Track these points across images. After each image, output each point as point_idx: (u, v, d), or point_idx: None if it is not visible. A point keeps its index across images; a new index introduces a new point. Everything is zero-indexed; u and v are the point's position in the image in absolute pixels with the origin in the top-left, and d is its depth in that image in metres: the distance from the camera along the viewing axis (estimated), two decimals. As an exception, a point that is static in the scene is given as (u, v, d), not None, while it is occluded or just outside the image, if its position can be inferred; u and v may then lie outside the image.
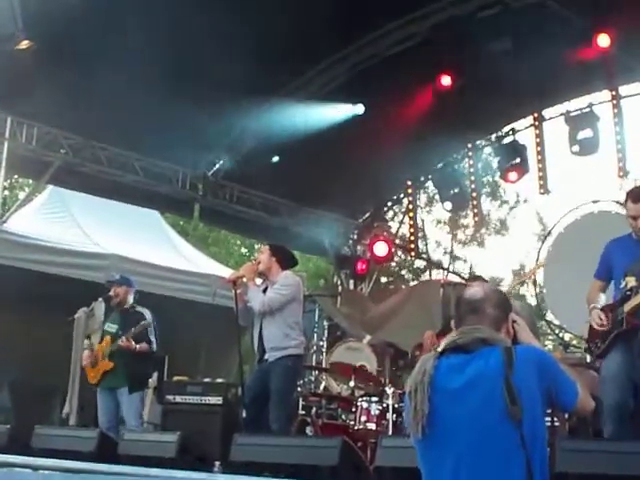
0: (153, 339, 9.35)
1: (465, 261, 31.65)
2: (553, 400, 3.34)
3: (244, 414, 8.15)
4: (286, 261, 8.63)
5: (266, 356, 8.23)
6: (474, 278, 8.41)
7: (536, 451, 3.22)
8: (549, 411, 6.38)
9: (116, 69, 9.93)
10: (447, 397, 3.33)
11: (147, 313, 9.45)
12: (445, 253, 31.34)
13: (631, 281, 6.51)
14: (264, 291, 8.36)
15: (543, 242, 13.83)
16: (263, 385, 8.18)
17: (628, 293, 6.48)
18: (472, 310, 3.54)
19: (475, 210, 15.58)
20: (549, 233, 13.45)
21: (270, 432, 8.02)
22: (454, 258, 31.22)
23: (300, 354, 8.41)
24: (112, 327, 9.47)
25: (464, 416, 3.28)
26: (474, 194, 15.15)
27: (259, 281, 8.61)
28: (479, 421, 3.25)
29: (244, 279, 8.33)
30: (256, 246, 30.17)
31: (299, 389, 10.67)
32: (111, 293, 9.62)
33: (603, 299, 6.88)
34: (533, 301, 14.94)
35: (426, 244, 29.91)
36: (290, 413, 8.44)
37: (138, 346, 9.21)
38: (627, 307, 6.39)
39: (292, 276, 8.51)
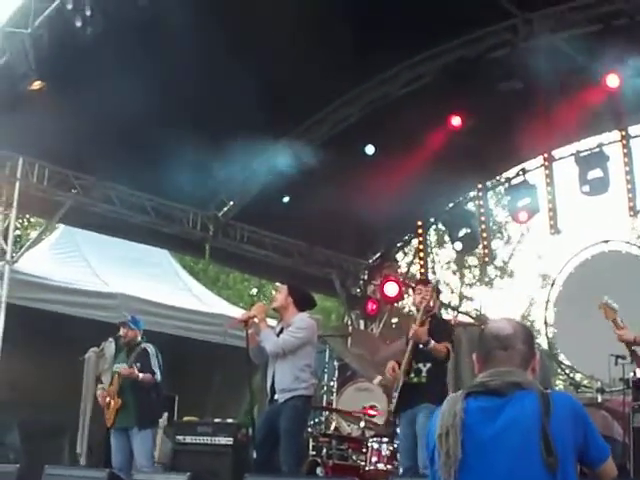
0: (157, 370, 9.32)
1: (472, 300, 31.60)
2: (583, 454, 3.19)
3: (255, 455, 8.10)
4: (303, 302, 8.47)
5: (276, 397, 8.20)
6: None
7: None
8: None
9: (128, 110, 9.98)
10: (479, 443, 3.19)
11: (150, 347, 9.44)
12: (453, 293, 31.26)
13: None
14: (280, 332, 8.26)
15: (553, 283, 13.82)
16: (273, 426, 8.11)
17: None
18: (502, 347, 3.36)
19: (485, 250, 15.56)
20: (559, 273, 13.44)
21: (280, 473, 7.97)
22: (463, 298, 31.18)
23: (309, 395, 8.32)
24: (121, 367, 9.46)
25: (497, 464, 3.15)
26: (484, 234, 15.13)
27: (271, 322, 8.56)
28: (512, 469, 3.12)
29: (255, 319, 8.17)
30: (267, 287, 30.23)
31: (309, 430, 10.61)
32: (121, 333, 9.63)
33: None
34: (544, 341, 14.84)
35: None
36: (300, 453, 8.37)
37: (142, 375, 9.19)
38: None
39: (308, 319, 8.33)
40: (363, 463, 8.74)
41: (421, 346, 7.95)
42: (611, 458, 3.33)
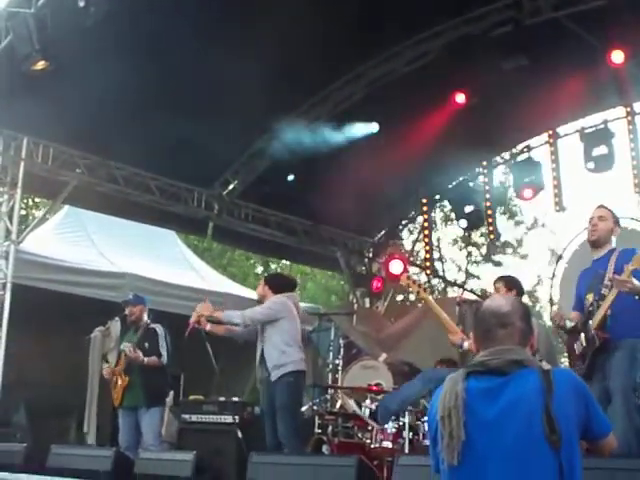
0: (164, 352, 9.38)
1: (479, 278, 31.58)
2: (586, 429, 3.21)
3: (267, 438, 8.36)
4: (277, 287, 8.82)
5: (270, 376, 8.39)
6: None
7: (574, 478, 3.12)
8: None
9: (132, 90, 9.98)
10: (482, 423, 3.20)
11: (159, 328, 9.50)
12: (460, 271, 31.28)
13: (590, 297, 6.56)
14: None
15: (558, 260, 13.79)
16: (272, 404, 8.36)
17: (590, 309, 6.52)
18: (501, 324, 3.35)
19: (490, 228, 15.55)
20: (564, 250, 13.41)
21: (286, 451, 8.04)
22: (469, 276, 31.16)
23: (301, 370, 8.52)
24: (127, 346, 9.48)
25: (500, 443, 3.16)
26: (489, 212, 15.11)
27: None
28: (515, 449, 3.14)
29: (204, 315, 8.60)
30: (272, 265, 30.30)
31: (315, 408, 10.65)
32: (127, 312, 9.66)
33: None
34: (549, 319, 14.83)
35: (442, 262, 29.95)
36: (297, 427, 8.47)
37: (147, 359, 9.24)
38: (593, 323, 6.41)
39: (278, 297, 8.67)
40: (369, 441, 8.74)
41: None
42: (612, 432, 3.36)
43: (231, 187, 14.29)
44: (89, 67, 9.94)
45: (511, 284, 8.12)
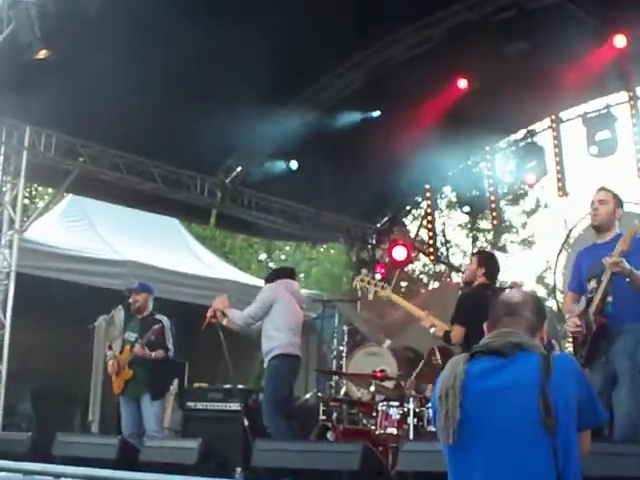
0: (170, 346, 9.39)
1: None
2: (581, 415, 3.21)
3: None
4: (272, 277, 9.13)
5: (265, 364, 8.69)
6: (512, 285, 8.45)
7: (569, 465, 3.12)
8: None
9: (135, 76, 9.95)
10: (478, 402, 3.23)
11: (165, 320, 9.49)
12: (465, 256, 31.20)
13: (592, 283, 6.51)
14: None
15: (563, 245, 13.80)
16: None
17: (590, 295, 6.49)
18: (509, 313, 3.41)
19: (494, 213, 15.54)
20: (568, 236, 13.42)
21: (292, 437, 8.08)
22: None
23: (286, 353, 8.57)
24: (132, 336, 9.50)
25: (496, 423, 3.19)
26: (493, 197, 15.10)
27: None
28: (511, 430, 3.16)
29: (219, 310, 8.85)
30: (277, 252, 30.26)
31: (320, 394, 10.68)
32: (130, 300, 9.66)
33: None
34: (554, 305, 14.85)
35: (447, 248, 29.92)
36: (281, 411, 8.50)
37: (154, 354, 9.26)
38: (592, 308, 6.38)
39: (267, 285, 8.94)
40: (373, 427, 8.76)
41: None
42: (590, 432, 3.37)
43: (234, 174, 14.27)
44: (91, 55, 9.91)
45: (483, 261, 8.08)
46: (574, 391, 3.18)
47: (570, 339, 7.21)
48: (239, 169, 14.22)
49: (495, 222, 16.16)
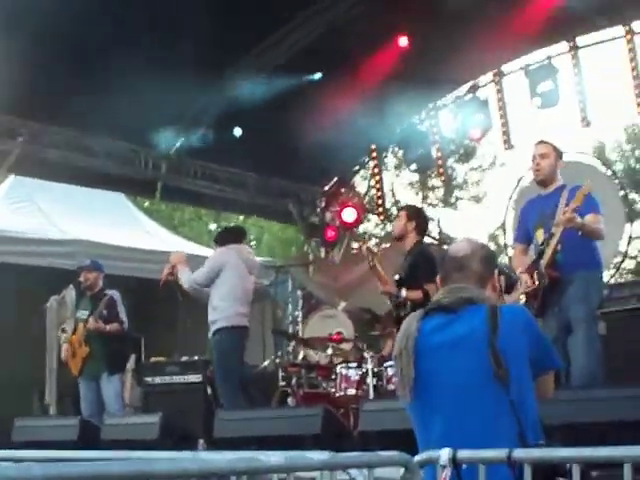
0: (124, 318, 9.35)
1: (439, 221, 31.58)
2: (536, 364, 3.25)
3: None
4: (222, 241, 8.82)
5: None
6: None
7: (526, 415, 3.16)
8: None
9: (71, 51, 9.79)
10: (431, 359, 3.27)
11: (115, 294, 9.43)
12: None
13: (540, 234, 6.59)
14: None
15: (510, 198, 13.86)
16: None
17: (541, 247, 6.54)
18: (457, 267, 3.43)
19: (441, 170, 15.58)
20: (515, 188, 13.49)
21: (252, 406, 8.06)
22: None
23: (230, 326, 8.35)
24: (84, 314, 9.44)
25: (449, 378, 3.23)
26: (439, 154, 15.11)
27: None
28: (464, 383, 3.20)
29: (178, 267, 8.63)
30: (225, 222, 30.09)
31: (277, 361, 10.67)
32: (81, 279, 9.57)
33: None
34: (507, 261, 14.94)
35: (397, 207, 29.95)
36: (233, 385, 8.36)
37: (108, 327, 9.21)
38: (544, 261, 6.43)
39: (216, 251, 8.71)
40: (333, 390, 8.80)
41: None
42: (553, 374, 3.40)
43: (177, 145, 14.13)
44: (22, 31, 9.72)
45: (412, 215, 8.12)
46: (524, 341, 3.22)
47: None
48: (182, 139, 14.08)
49: (443, 179, 16.17)
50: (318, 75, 13.01)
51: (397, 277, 7.78)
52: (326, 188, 16.54)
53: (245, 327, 8.57)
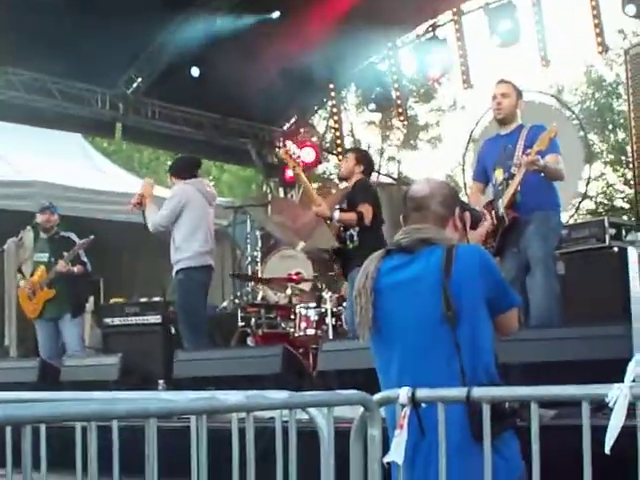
0: (86, 260, 9.31)
1: (399, 162, 31.62)
2: (492, 304, 3.25)
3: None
4: (180, 172, 8.51)
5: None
6: None
7: (479, 356, 3.17)
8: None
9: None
10: (388, 298, 3.29)
11: (73, 236, 9.39)
12: (380, 156, 31.21)
13: (500, 174, 6.61)
14: None
15: (470, 138, 13.89)
16: None
17: (500, 187, 6.57)
18: (416, 208, 3.40)
19: (399, 110, 15.55)
20: (474, 128, 13.51)
21: (210, 346, 8.09)
22: (385, 159, 31.14)
23: (193, 266, 8.12)
24: (43, 256, 9.38)
25: (404, 318, 3.25)
26: (398, 94, 15.06)
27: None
28: (418, 324, 3.22)
29: (146, 202, 8.36)
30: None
31: (236, 301, 10.69)
32: (38, 220, 9.48)
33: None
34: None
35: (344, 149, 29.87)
36: (197, 326, 8.17)
37: (76, 269, 9.17)
38: (503, 202, 6.46)
39: (176, 186, 8.37)
40: (292, 330, 8.85)
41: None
42: (517, 310, 3.43)
43: (135, 85, 13.98)
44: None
45: (360, 158, 8.09)
46: (480, 281, 3.21)
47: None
48: (140, 80, 13.93)
49: (402, 119, 16.15)
50: (276, 14, 12.87)
51: (338, 207, 7.78)
52: (285, 128, 16.46)
53: (209, 266, 8.32)
